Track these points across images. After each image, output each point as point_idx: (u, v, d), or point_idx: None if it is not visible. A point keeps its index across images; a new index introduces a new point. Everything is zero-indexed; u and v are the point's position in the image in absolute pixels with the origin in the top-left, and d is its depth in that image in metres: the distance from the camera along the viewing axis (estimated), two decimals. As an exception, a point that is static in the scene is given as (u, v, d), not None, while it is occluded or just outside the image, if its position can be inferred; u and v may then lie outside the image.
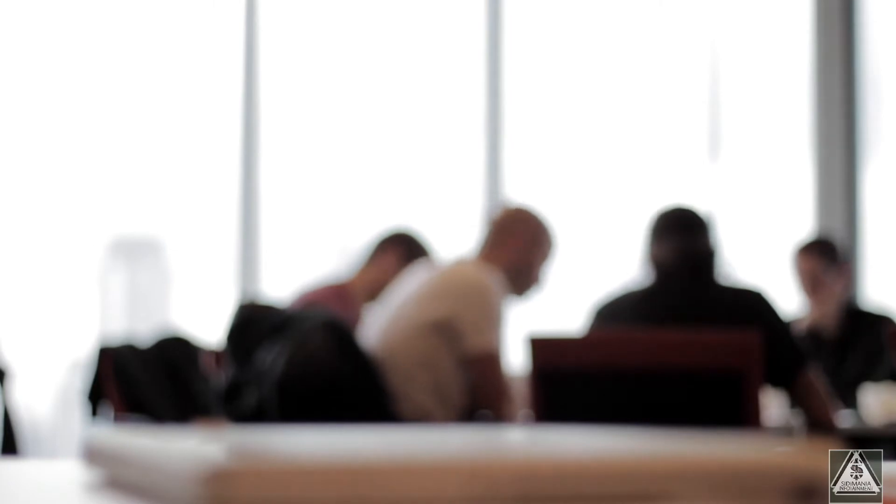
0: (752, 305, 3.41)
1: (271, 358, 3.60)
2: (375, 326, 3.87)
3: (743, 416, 2.99)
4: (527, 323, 4.97)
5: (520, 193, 6.69)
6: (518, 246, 3.91)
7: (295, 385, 3.56)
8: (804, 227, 6.59)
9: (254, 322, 3.71)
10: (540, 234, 3.95)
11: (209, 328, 3.88)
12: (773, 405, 4.04)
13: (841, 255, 5.06)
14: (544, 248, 3.94)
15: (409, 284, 3.88)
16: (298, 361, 3.56)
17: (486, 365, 3.73)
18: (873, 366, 4.72)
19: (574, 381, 3.11)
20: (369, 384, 3.68)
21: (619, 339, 3.14)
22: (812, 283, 4.95)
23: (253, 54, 6.88)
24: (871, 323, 4.83)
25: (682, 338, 3.08)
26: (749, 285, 3.49)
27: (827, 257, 4.98)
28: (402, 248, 4.42)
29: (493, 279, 3.77)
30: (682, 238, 3.51)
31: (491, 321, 3.72)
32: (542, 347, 3.14)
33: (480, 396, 3.78)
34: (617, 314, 3.51)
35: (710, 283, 3.49)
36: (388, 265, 4.36)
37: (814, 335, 4.94)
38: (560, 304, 6.12)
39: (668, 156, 7.06)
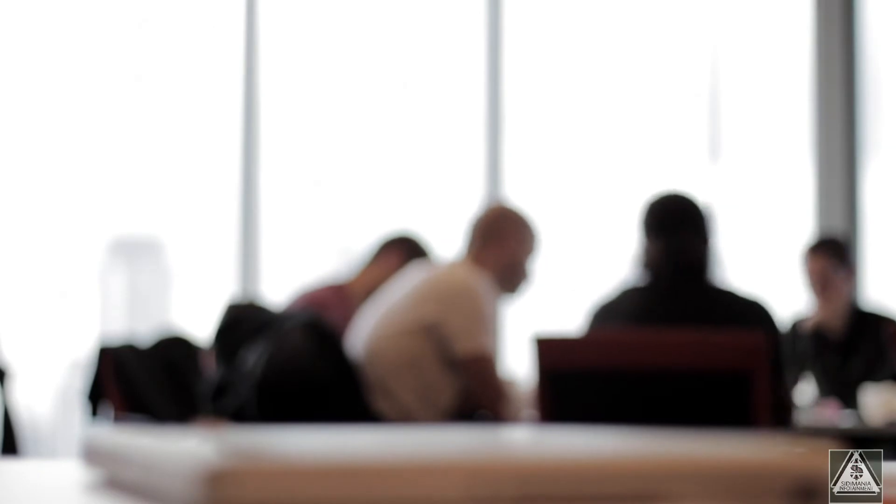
0: (749, 314, 3.39)
1: (253, 358, 3.62)
2: (366, 325, 3.89)
3: (750, 417, 2.99)
4: (532, 323, 4.97)
5: (520, 193, 6.69)
6: (505, 245, 3.94)
7: (273, 385, 3.58)
8: (804, 227, 6.59)
9: (240, 322, 3.74)
10: (525, 230, 3.98)
11: (209, 328, 3.88)
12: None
13: (849, 256, 5.06)
14: (529, 243, 3.98)
15: (402, 285, 3.90)
16: (277, 362, 3.59)
17: (478, 367, 3.75)
18: (877, 366, 4.72)
19: (580, 382, 3.11)
20: (348, 385, 3.70)
21: (626, 340, 3.13)
22: (822, 282, 4.94)
23: (253, 54, 6.88)
24: (876, 324, 4.82)
25: (690, 338, 3.08)
26: (751, 295, 3.46)
27: (837, 257, 4.98)
28: (404, 251, 4.43)
29: (481, 282, 3.78)
30: (673, 236, 3.46)
31: (480, 324, 3.74)
32: (548, 348, 3.14)
33: (477, 398, 3.80)
34: (614, 314, 3.50)
35: (705, 285, 3.46)
36: (389, 267, 4.37)
37: (819, 335, 4.93)
38: (560, 305, 6.12)
39: (668, 156, 7.06)
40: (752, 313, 3.38)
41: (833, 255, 4.98)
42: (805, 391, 4.85)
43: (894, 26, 6.88)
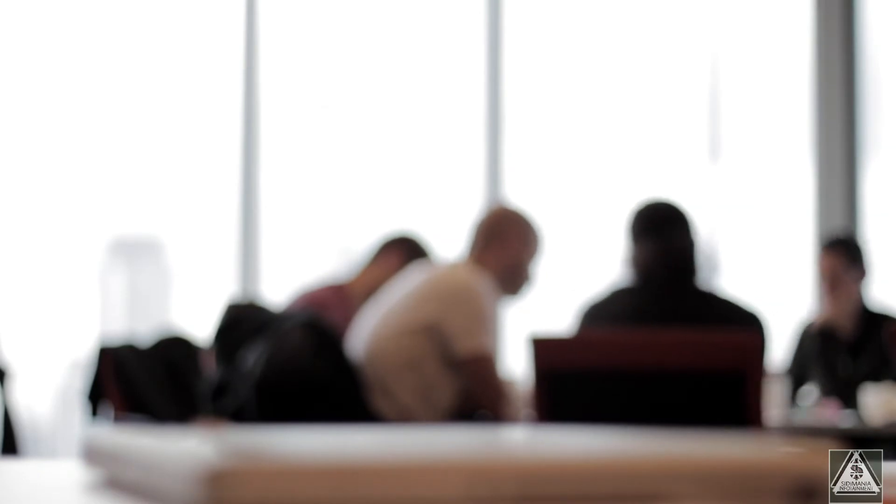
0: (741, 320, 3.39)
1: (253, 358, 3.63)
2: (366, 325, 3.89)
3: (745, 416, 2.99)
4: (533, 323, 4.96)
5: (520, 194, 6.69)
6: (508, 246, 3.94)
7: (273, 385, 3.58)
8: (804, 227, 6.59)
9: (240, 322, 3.74)
10: (528, 232, 3.98)
11: (209, 328, 3.88)
12: (775, 405, 4.04)
13: (863, 257, 5.05)
14: (533, 246, 3.98)
15: (402, 286, 3.90)
16: (277, 362, 3.59)
17: (478, 367, 3.75)
18: (884, 366, 4.72)
19: (576, 382, 3.11)
20: (347, 384, 3.70)
21: (622, 340, 3.14)
22: (832, 281, 4.93)
23: (253, 54, 6.87)
24: (884, 324, 4.81)
25: (685, 338, 3.08)
26: (744, 303, 3.47)
27: (849, 257, 4.97)
28: (404, 251, 4.43)
29: (482, 282, 3.78)
30: (663, 239, 3.51)
31: (480, 324, 3.74)
32: (544, 348, 3.14)
33: (477, 398, 3.80)
34: (605, 315, 3.52)
35: (696, 286, 3.48)
36: (389, 267, 4.37)
37: (827, 334, 4.92)
38: (561, 306, 6.11)
39: (668, 157, 7.06)
40: (744, 320, 3.39)
41: (846, 254, 4.98)
42: (812, 392, 4.84)
43: (894, 26, 6.88)
